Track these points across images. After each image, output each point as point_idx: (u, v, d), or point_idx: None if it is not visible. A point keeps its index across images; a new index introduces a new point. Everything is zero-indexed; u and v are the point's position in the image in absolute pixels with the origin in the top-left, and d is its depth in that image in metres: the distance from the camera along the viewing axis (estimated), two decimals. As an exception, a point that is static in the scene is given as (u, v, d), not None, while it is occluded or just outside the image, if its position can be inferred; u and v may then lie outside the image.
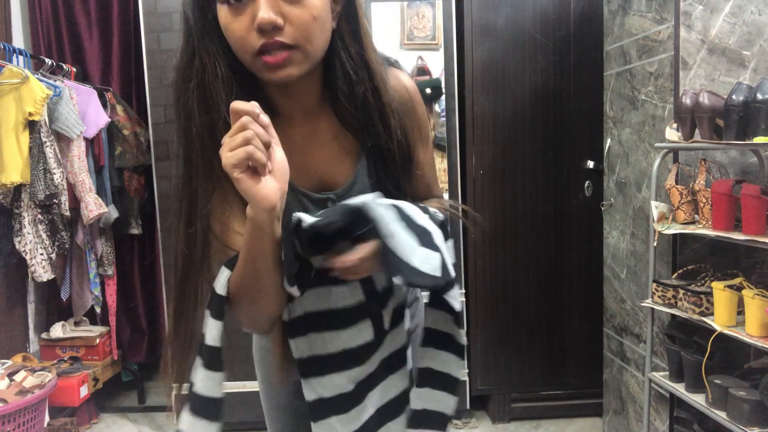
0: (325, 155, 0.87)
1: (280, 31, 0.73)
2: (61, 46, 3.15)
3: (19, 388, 2.27)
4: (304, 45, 0.75)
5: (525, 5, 2.66)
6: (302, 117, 0.87)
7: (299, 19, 0.73)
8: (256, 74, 0.78)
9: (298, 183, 0.86)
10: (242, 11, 0.73)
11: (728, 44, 1.85)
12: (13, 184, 2.41)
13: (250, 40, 0.73)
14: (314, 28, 0.75)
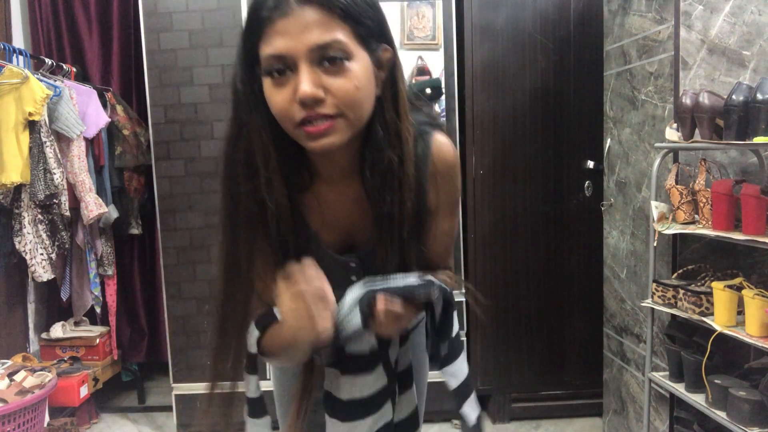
0: (355, 216, 0.90)
1: (322, 103, 0.74)
2: (61, 46, 3.15)
3: (19, 388, 2.27)
4: (346, 114, 0.76)
5: (525, 5, 2.66)
6: (340, 178, 0.89)
7: (341, 91, 0.75)
8: (299, 141, 0.79)
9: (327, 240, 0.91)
10: (285, 83, 0.75)
11: (728, 44, 1.85)
12: (13, 184, 2.41)
13: (292, 112, 0.75)
14: (357, 98, 0.76)
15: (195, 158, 2.62)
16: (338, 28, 0.74)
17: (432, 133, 0.90)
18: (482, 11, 2.65)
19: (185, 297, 2.67)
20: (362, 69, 0.77)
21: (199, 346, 2.69)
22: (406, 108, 0.85)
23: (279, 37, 0.74)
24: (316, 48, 0.73)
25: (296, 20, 0.73)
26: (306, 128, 0.76)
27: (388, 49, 0.82)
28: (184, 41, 2.58)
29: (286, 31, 0.73)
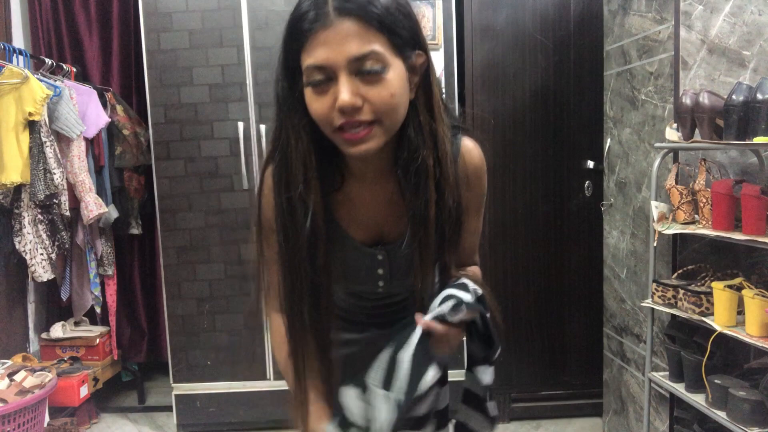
0: (387, 212, 0.95)
1: (360, 110, 0.79)
2: (61, 46, 3.15)
3: (19, 388, 2.27)
4: (383, 120, 0.81)
5: (525, 5, 2.66)
6: (373, 177, 0.93)
7: (378, 98, 0.79)
8: (338, 145, 0.84)
9: (356, 235, 0.96)
10: (325, 92, 0.79)
11: (728, 44, 1.85)
12: (13, 184, 2.41)
13: (331, 118, 0.80)
14: (392, 105, 0.80)
15: (195, 158, 2.62)
16: (375, 39, 0.78)
17: (459, 136, 0.94)
18: (482, 11, 2.65)
19: (185, 297, 2.67)
20: (397, 77, 0.81)
21: (199, 346, 2.69)
22: (440, 109, 0.89)
23: (320, 48, 0.78)
24: (354, 59, 0.77)
25: (336, 32, 0.77)
26: (345, 135, 0.81)
27: (421, 55, 0.86)
28: (184, 41, 2.58)
29: (327, 42, 0.77)
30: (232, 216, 2.64)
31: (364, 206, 0.95)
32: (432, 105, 0.87)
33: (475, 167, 0.95)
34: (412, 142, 0.86)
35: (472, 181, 0.95)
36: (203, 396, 2.70)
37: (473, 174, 0.95)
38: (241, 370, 2.70)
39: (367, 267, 0.97)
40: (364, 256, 0.96)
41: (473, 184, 0.95)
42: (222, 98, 2.60)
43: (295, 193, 0.87)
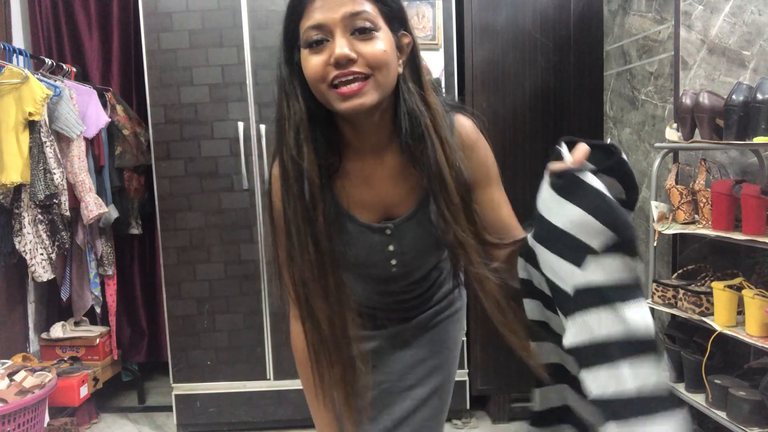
0: (390, 188, 0.98)
1: (354, 63, 0.84)
2: (61, 46, 3.15)
3: (19, 388, 2.27)
4: (374, 74, 0.85)
5: (525, 5, 2.66)
6: (372, 153, 0.97)
7: (371, 53, 0.85)
8: (331, 105, 0.88)
9: (361, 216, 0.98)
10: (321, 51, 0.85)
11: (728, 44, 1.85)
12: (13, 184, 2.41)
13: (326, 73, 0.85)
14: (384, 60, 0.86)
15: (195, 158, 2.62)
16: (367, 2, 0.85)
17: (452, 113, 0.98)
18: (482, 11, 2.65)
19: (185, 297, 2.67)
20: (387, 40, 0.87)
21: (199, 346, 2.69)
22: (429, 83, 0.94)
23: (317, 11, 0.85)
24: (349, 16, 0.84)
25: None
26: (339, 90, 0.85)
27: (407, 35, 0.93)
28: (184, 41, 2.58)
29: (324, 4, 0.84)
30: (232, 216, 2.64)
31: (366, 185, 0.98)
32: (420, 78, 0.93)
33: (470, 138, 0.98)
34: (410, 111, 0.90)
35: (471, 151, 0.98)
36: (203, 396, 2.70)
37: (469, 146, 0.97)
38: (241, 370, 2.70)
39: (377, 245, 0.99)
40: (372, 233, 0.98)
41: (472, 156, 0.98)
42: (222, 98, 2.60)
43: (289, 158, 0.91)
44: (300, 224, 0.91)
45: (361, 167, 0.97)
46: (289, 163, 0.92)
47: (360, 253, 1.00)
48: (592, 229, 0.74)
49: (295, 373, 3.02)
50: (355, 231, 0.98)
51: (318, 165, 0.91)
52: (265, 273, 2.66)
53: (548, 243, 0.83)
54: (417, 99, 0.91)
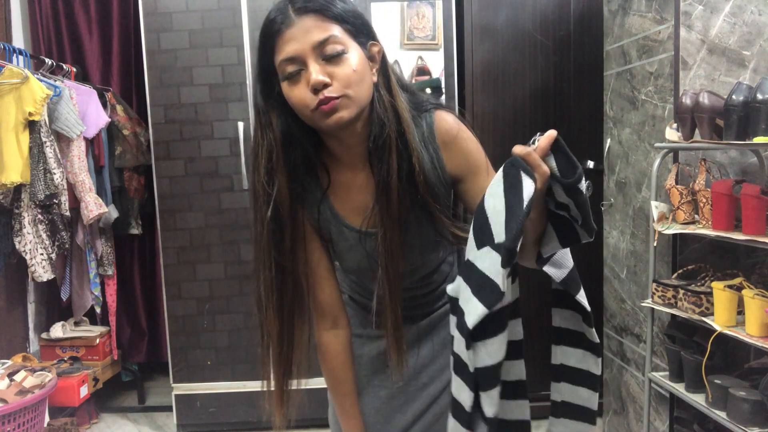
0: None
1: (329, 86, 0.90)
2: (61, 46, 3.15)
3: (19, 388, 2.27)
4: (348, 93, 0.91)
5: (525, 5, 2.66)
6: (362, 164, 1.03)
7: (343, 74, 0.91)
8: (317, 125, 0.94)
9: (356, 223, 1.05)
10: (299, 81, 0.91)
11: (728, 44, 1.85)
12: (13, 184, 2.41)
13: (308, 100, 0.91)
14: (355, 79, 0.92)
15: (195, 158, 2.62)
16: (332, 27, 0.91)
17: (432, 110, 1.03)
18: (482, 11, 2.65)
19: (185, 297, 2.67)
20: (357, 57, 0.93)
21: (199, 346, 2.69)
22: (396, 87, 1.00)
23: (288, 43, 0.90)
24: (318, 44, 0.90)
25: (299, 27, 0.90)
26: (320, 108, 0.91)
27: (375, 44, 0.98)
28: (184, 41, 2.58)
29: (293, 37, 0.90)
30: (232, 216, 2.64)
31: (358, 193, 1.04)
32: (390, 85, 0.99)
33: (450, 133, 1.02)
34: (379, 119, 0.97)
35: (453, 145, 1.03)
36: (203, 396, 2.70)
37: (452, 139, 1.02)
38: (241, 370, 2.70)
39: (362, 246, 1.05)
40: (368, 238, 1.04)
41: (456, 148, 1.03)
42: (222, 98, 2.60)
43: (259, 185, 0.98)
44: (264, 245, 0.99)
45: (353, 177, 1.04)
46: (259, 190, 0.98)
47: (358, 258, 1.06)
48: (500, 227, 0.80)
49: (294, 373, 2.99)
50: (352, 237, 1.05)
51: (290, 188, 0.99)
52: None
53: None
54: (387, 107, 0.97)
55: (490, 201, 0.83)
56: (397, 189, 0.97)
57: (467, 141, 1.05)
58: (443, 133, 1.02)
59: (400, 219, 0.99)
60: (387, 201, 0.98)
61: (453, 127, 1.03)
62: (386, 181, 0.97)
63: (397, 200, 0.98)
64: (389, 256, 0.99)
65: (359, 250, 1.05)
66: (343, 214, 1.05)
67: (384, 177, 0.97)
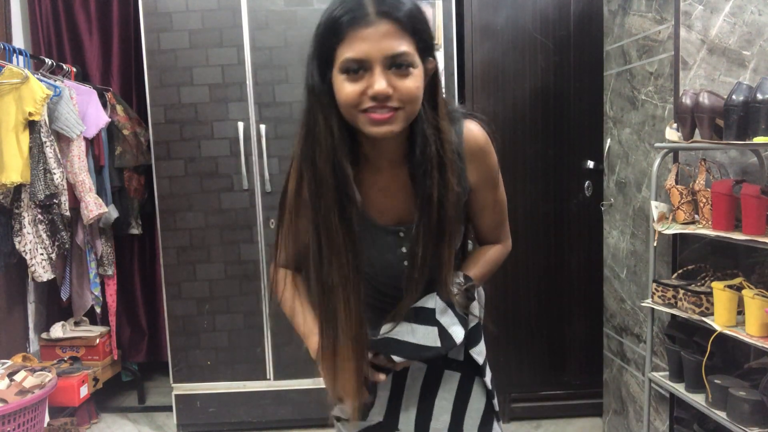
0: (403, 197, 1.05)
1: (390, 98, 0.90)
2: (61, 46, 3.15)
3: (19, 388, 2.27)
4: (406, 108, 0.92)
5: (525, 5, 2.66)
6: (388, 166, 1.05)
7: (405, 90, 0.90)
8: (359, 126, 0.94)
9: (378, 219, 1.07)
10: (358, 80, 0.90)
11: (728, 44, 1.85)
12: (13, 184, 2.41)
13: (361, 102, 0.91)
14: (415, 97, 0.92)
15: (195, 158, 2.62)
16: (406, 41, 0.90)
17: (462, 120, 1.06)
18: (482, 11, 2.65)
19: (185, 297, 2.67)
20: (419, 75, 0.93)
21: (199, 346, 2.69)
22: (444, 107, 1.02)
23: (360, 42, 0.89)
24: (390, 56, 0.89)
25: (375, 30, 0.88)
26: (371, 115, 0.91)
27: (433, 62, 0.99)
28: (184, 41, 2.58)
29: (367, 38, 0.88)
30: (232, 216, 2.64)
31: (381, 193, 1.06)
32: (437, 103, 1.00)
33: (477, 145, 1.06)
34: (423, 136, 0.97)
35: (477, 158, 1.06)
36: (203, 396, 2.70)
37: (478, 151, 1.06)
38: (241, 370, 2.70)
39: (392, 246, 1.07)
40: (387, 235, 1.07)
41: (479, 161, 1.07)
42: (222, 98, 2.60)
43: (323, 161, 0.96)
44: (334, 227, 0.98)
45: (378, 179, 1.06)
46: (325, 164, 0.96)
47: (376, 254, 1.08)
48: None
49: (295, 373, 3.02)
50: (372, 233, 1.06)
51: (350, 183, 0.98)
52: (265, 273, 2.66)
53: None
54: (431, 125, 0.98)
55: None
56: (437, 204, 0.99)
57: (491, 155, 1.09)
58: (471, 143, 1.05)
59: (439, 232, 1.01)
60: (428, 216, 0.99)
61: (480, 139, 1.06)
62: (429, 196, 0.98)
63: (438, 216, 0.99)
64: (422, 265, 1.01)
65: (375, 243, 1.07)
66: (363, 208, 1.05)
67: (428, 192, 0.98)
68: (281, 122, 2.59)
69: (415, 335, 1.02)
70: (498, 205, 1.13)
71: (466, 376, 1.16)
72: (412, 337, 1.02)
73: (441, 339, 1.02)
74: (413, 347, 1.01)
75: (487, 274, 1.16)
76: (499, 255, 1.17)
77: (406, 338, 1.02)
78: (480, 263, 1.14)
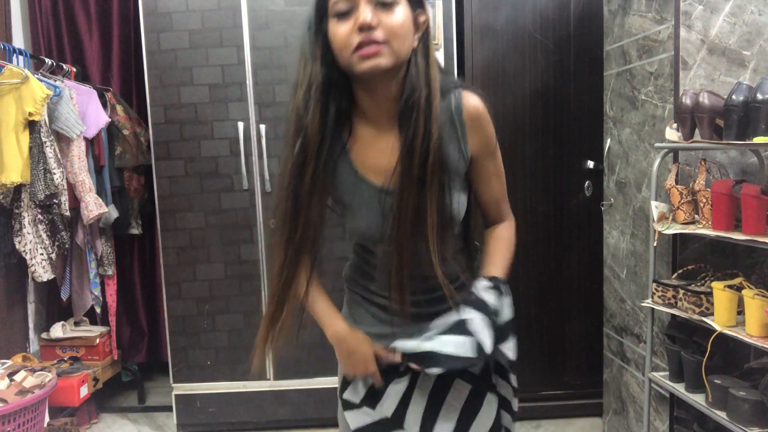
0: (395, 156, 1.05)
1: (374, 30, 0.96)
2: (61, 46, 3.15)
3: (19, 388, 2.27)
4: (391, 42, 0.97)
5: (525, 5, 2.66)
6: (387, 125, 1.07)
7: (389, 23, 0.97)
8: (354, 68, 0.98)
9: (373, 179, 1.08)
10: (347, 20, 0.97)
11: (728, 44, 1.85)
12: (13, 184, 2.41)
13: (351, 39, 0.97)
14: (400, 31, 0.98)
15: (195, 158, 2.62)
16: None
17: (460, 89, 1.09)
18: (482, 11, 2.65)
19: (185, 297, 2.67)
20: (405, 14, 0.99)
21: (199, 346, 2.69)
22: (434, 58, 1.06)
23: None
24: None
25: None
26: (360, 52, 0.97)
27: (423, 14, 1.04)
28: (184, 41, 2.58)
29: None
30: (232, 216, 2.64)
31: (379, 151, 1.08)
32: (428, 53, 1.05)
33: (477, 111, 1.09)
34: (411, 84, 1.02)
35: (478, 124, 1.09)
36: (203, 396, 2.70)
37: (477, 117, 1.09)
38: (241, 370, 2.70)
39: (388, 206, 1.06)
40: (379, 192, 1.08)
41: (479, 127, 1.10)
42: (222, 98, 2.60)
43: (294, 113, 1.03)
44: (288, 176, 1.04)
45: (376, 134, 1.08)
46: (292, 117, 1.03)
47: (371, 214, 1.08)
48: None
49: (295, 373, 3.02)
50: (366, 193, 1.08)
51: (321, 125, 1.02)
52: (265, 273, 2.66)
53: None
54: (421, 73, 1.02)
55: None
56: (420, 151, 1.01)
57: (490, 124, 1.12)
58: (471, 110, 1.08)
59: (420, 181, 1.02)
60: (410, 161, 1.02)
61: (480, 107, 1.09)
62: (411, 142, 1.01)
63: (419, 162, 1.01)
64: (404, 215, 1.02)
65: (374, 206, 1.08)
66: (361, 170, 1.09)
67: (410, 138, 1.01)
68: (281, 122, 2.59)
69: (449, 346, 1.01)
70: (499, 176, 1.16)
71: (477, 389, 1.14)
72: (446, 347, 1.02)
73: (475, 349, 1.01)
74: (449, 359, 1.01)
75: (509, 258, 1.16)
76: (510, 233, 1.19)
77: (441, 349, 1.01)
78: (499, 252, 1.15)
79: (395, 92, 1.04)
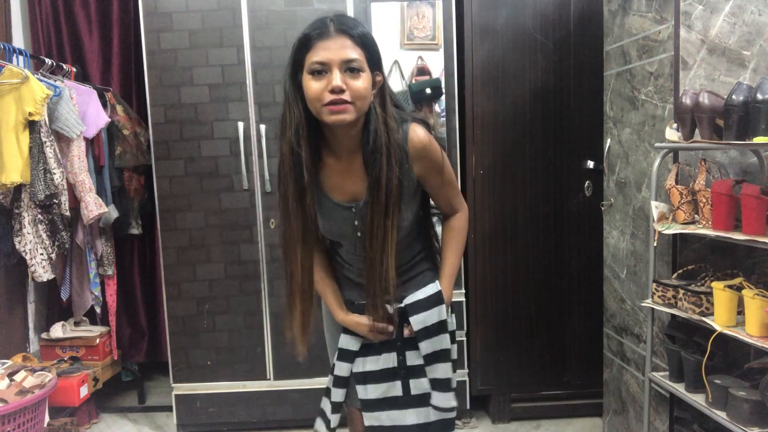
0: (357, 180, 1.36)
1: (344, 92, 1.21)
2: (61, 46, 3.15)
3: (19, 388, 2.27)
4: (356, 102, 1.23)
5: (525, 5, 2.66)
6: (346, 154, 1.35)
7: (355, 87, 1.23)
8: (322, 117, 1.24)
9: (335, 196, 1.39)
10: (321, 79, 1.22)
11: (728, 44, 1.85)
12: (13, 184, 2.41)
13: (323, 96, 1.22)
14: (363, 93, 1.24)
15: (195, 158, 2.62)
16: (358, 51, 1.24)
17: (409, 123, 1.35)
18: (482, 11, 2.65)
19: (185, 297, 2.67)
20: (367, 79, 1.25)
21: (199, 346, 2.69)
22: (390, 109, 1.33)
23: (323, 50, 1.22)
24: (346, 60, 1.22)
25: (335, 42, 1.22)
26: (330, 107, 1.22)
27: (380, 75, 1.31)
28: (184, 41, 2.58)
29: (329, 47, 1.22)
30: (232, 216, 2.64)
31: (339, 176, 1.37)
32: (385, 105, 1.31)
33: (421, 144, 1.35)
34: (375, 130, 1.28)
35: (420, 155, 1.35)
36: (203, 396, 2.70)
37: (421, 150, 1.35)
38: (241, 370, 2.70)
39: (347, 219, 1.39)
40: (343, 210, 1.38)
41: (422, 157, 1.36)
42: (222, 98, 2.60)
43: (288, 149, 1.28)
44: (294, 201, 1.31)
45: (338, 163, 1.36)
46: (287, 154, 1.28)
47: (334, 225, 1.40)
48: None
49: (294, 373, 3.03)
50: (330, 207, 1.39)
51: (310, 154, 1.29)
52: (265, 273, 2.66)
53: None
54: (380, 121, 1.29)
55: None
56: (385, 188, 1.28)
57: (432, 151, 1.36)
58: (415, 143, 1.34)
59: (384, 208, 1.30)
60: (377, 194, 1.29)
61: (423, 140, 1.34)
62: (378, 178, 1.28)
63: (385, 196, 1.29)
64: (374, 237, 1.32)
65: (334, 217, 1.39)
66: (325, 189, 1.38)
67: (377, 175, 1.28)
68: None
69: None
70: (448, 184, 1.44)
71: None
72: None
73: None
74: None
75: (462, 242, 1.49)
76: (461, 222, 1.49)
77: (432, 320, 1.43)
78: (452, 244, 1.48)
79: (355, 133, 1.31)
